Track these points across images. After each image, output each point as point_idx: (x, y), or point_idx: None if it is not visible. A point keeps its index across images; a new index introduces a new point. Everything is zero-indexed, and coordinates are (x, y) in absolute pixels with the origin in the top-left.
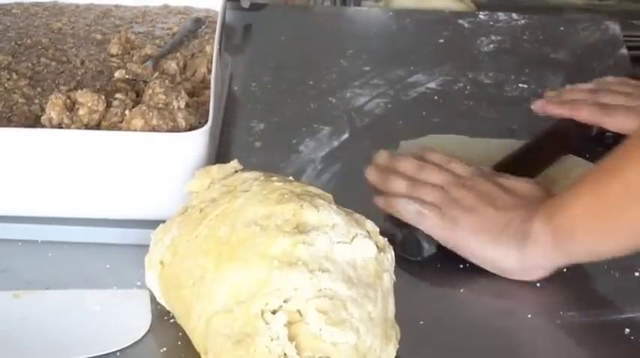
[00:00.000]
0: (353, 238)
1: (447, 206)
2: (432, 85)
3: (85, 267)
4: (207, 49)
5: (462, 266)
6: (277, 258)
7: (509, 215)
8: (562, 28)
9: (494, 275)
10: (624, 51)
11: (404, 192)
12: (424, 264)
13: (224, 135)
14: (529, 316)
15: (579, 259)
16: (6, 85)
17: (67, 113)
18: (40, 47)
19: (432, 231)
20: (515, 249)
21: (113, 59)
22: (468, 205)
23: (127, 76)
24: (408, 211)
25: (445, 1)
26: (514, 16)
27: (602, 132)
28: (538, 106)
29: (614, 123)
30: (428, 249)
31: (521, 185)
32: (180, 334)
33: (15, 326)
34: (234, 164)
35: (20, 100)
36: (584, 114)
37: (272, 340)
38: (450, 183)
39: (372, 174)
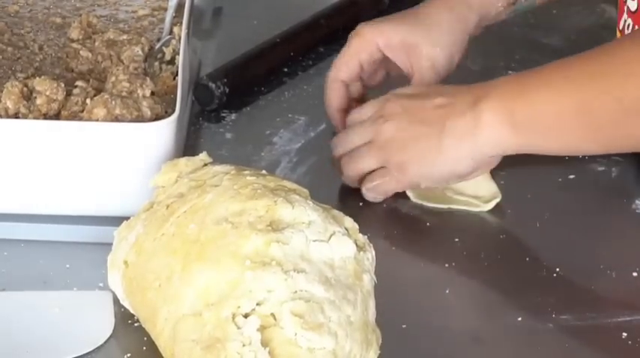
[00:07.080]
0: (330, 236)
1: (386, 158)
2: None
3: (43, 267)
4: (176, 30)
5: (447, 265)
6: (249, 257)
7: (441, 119)
8: (554, 11)
9: (481, 275)
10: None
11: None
12: (405, 262)
13: (192, 126)
14: (519, 319)
15: (543, 151)
16: None
17: (24, 102)
18: None
19: (393, 190)
20: (466, 149)
21: (73, 44)
22: (399, 138)
23: None
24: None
25: None
26: None
27: None
28: None
29: None
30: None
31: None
32: (146, 339)
33: None
34: (203, 156)
35: None
36: None
37: (244, 345)
38: (371, 132)
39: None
